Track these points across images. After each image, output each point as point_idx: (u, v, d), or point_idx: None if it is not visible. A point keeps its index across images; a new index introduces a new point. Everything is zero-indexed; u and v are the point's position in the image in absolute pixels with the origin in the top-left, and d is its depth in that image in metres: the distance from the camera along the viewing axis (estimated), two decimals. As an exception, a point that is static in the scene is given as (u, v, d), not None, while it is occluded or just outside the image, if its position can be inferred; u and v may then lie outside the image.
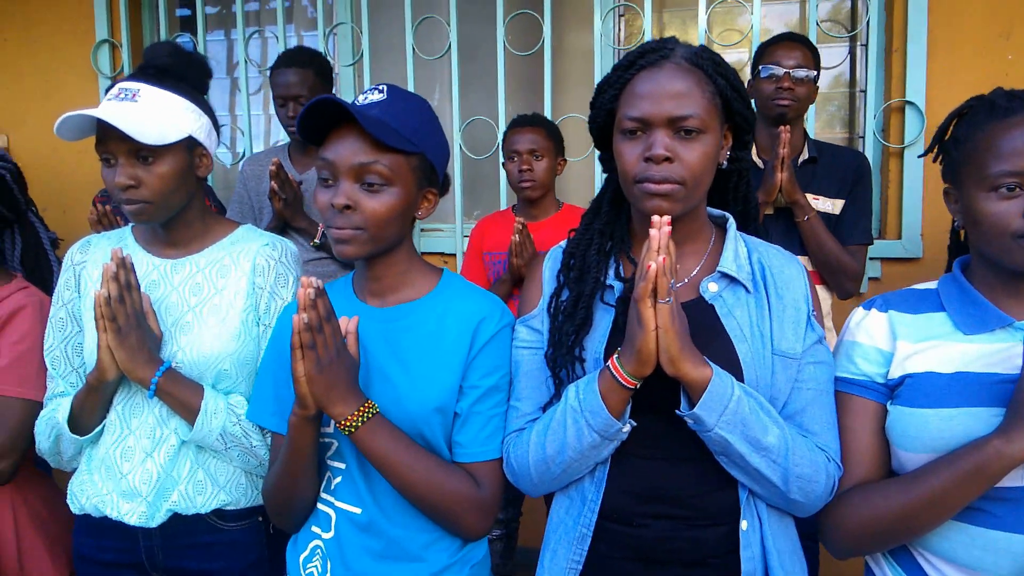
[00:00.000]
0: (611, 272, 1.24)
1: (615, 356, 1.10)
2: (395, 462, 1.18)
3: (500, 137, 3.07)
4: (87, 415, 1.40)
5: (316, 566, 1.27)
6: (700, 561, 1.16)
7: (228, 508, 1.43)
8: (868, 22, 2.71)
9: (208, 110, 1.46)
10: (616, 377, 1.09)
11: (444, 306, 1.28)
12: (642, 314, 1.03)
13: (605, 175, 1.33)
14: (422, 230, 3.24)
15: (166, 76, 1.40)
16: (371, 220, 1.19)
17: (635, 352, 1.05)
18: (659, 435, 1.16)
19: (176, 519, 1.40)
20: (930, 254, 2.69)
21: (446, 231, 3.25)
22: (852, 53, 3.04)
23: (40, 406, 1.51)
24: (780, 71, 2.21)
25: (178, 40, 3.37)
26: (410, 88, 3.11)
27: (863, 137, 2.92)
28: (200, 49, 3.38)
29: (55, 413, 1.43)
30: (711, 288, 1.19)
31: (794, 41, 2.27)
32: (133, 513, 1.38)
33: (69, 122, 1.32)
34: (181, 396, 1.36)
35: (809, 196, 2.22)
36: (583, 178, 3.22)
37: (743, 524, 1.15)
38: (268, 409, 1.35)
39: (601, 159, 1.33)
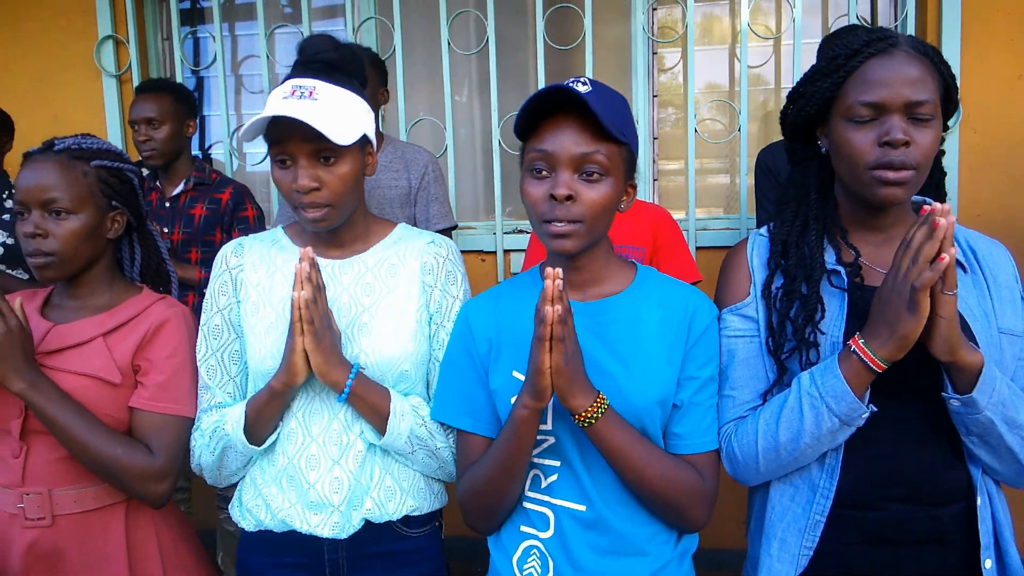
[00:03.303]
0: (830, 258, 1.25)
1: (859, 339, 1.12)
2: (631, 456, 1.17)
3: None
4: (264, 423, 1.33)
5: (534, 567, 1.25)
6: (936, 539, 1.19)
7: (414, 514, 1.39)
8: (905, 17, 2.82)
9: (372, 106, 1.40)
10: (865, 361, 1.10)
11: (650, 299, 1.27)
12: (920, 302, 1.04)
13: (792, 166, 1.35)
14: (460, 227, 3.17)
15: (335, 71, 1.34)
16: (589, 211, 1.18)
17: (898, 337, 1.07)
18: (894, 418, 1.18)
19: (364, 528, 1.34)
20: (963, 238, 2.81)
21: (480, 229, 3.22)
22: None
23: (191, 422, 1.43)
24: None
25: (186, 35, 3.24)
26: (445, 84, 3.06)
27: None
28: (216, 46, 3.24)
29: (222, 424, 1.35)
30: None
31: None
32: (324, 524, 1.32)
33: (254, 126, 1.25)
34: (371, 399, 1.31)
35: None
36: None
37: (978, 500, 1.18)
38: (459, 409, 1.32)
39: (789, 149, 1.35)
